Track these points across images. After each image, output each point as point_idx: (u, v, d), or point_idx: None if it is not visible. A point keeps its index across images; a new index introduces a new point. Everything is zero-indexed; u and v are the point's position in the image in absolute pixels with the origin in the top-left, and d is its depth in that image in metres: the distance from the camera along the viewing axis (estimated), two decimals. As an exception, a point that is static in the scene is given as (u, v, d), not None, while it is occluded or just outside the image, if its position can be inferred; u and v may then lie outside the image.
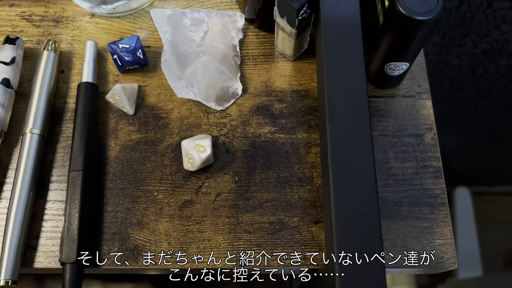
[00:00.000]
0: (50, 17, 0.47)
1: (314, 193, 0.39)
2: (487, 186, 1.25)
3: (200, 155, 0.38)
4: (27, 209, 0.38)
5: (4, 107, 0.41)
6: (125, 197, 0.39)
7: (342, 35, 0.36)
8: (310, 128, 0.42)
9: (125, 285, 0.99)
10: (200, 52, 0.41)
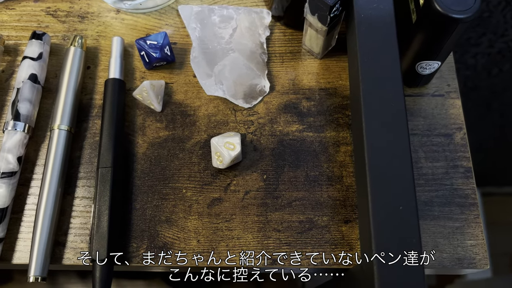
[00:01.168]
0: (75, 13, 0.47)
1: (344, 192, 0.39)
2: (496, 187, 1.24)
3: (230, 152, 0.38)
4: (56, 206, 0.37)
5: (31, 102, 0.40)
6: (154, 194, 0.39)
7: (377, 33, 0.35)
8: (338, 126, 0.41)
9: (137, 282, 0.99)
10: (229, 49, 0.41)
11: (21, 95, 0.40)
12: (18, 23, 0.46)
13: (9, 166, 0.38)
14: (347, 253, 0.37)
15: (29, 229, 0.38)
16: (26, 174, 0.40)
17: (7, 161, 0.38)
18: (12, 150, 0.38)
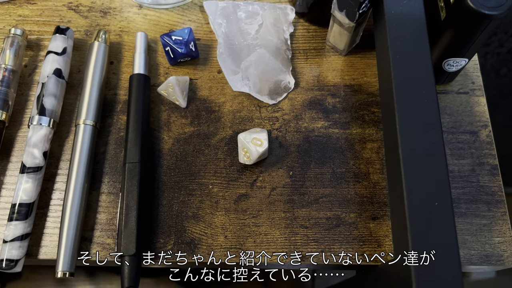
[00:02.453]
0: (97, 8, 0.46)
1: (371, 189, 0.39)
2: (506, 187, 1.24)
3: (257, 148, 0.38)
4: (82, 201, 0.37)
5: (56, 97, 0.40)
6: (180, 190, 0.39)
7: (407, 29, 0.35)
8: (364, 123, 0.41)
9: (145, 280, 0.99)
10: (256, 45, 0.41)
11: (46, 89, 0.40)
12: (40, 17, 0.46)
13: (35, 161, 0.38)
14: (375, 250, 0.37)
15: (55, 224, 0.38)
16: (51, 169, 0.40)
17: (33, 156, 0.38)
18: (37, 145, 0.38)
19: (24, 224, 0.36)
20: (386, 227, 0.38)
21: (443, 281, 0.28)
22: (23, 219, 0.36)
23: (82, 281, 1.02)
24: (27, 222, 0.36)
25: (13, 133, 0.41)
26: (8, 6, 0.46)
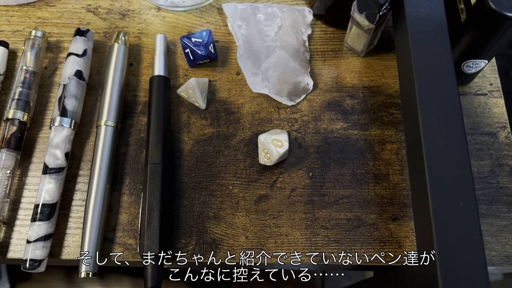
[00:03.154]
0: (116, 10, 0.47)
1: (391, 190, 0.39)
2: None
3: (278, 149, 0.38)
4: (104, 202, 0.37)
5: (77, 99, 0.41)
6: (201, 191, 0.39)
7: (429, 31, 0.35)
8: (383, 124, 0.41)
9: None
10: (276, 47, 0.41)
11: (67, 91, 0.40)
12: (59, 20, 0.46)
13: (57, 162, 0.38)
14: (396, 250, 0.37)
15: (77, 224, 0.38)
16: (72, 170, 0.40)
17: (55, 157, 0.38)
18: (59, 146, 0.39)
19: (47, 224, 0.36)
20: (406, 228, 0.38)
21: (470, 282, 0.28)
22: (46, 219, 0.36)
23: (91, 281, 1.02)
24: (50, 223, 0.37)
25: (34, 134, 0.41)
26: (28, 8, 0.47)
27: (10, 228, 0.38)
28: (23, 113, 0.40)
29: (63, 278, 1.02)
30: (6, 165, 0.38)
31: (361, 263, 0.37)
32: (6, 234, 0.38)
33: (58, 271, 1.01)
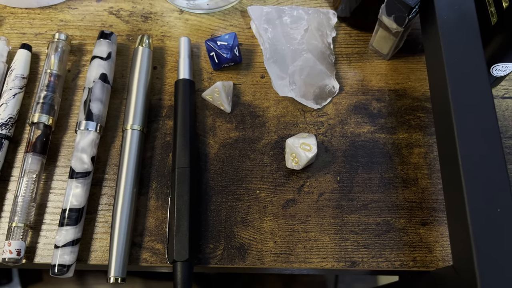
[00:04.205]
0: (138, 13, 0.46)
1: (419, 194, 0.39)
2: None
3: (306, 153, 0.37)
4: (132, 206, 0.37)
5: (102, 102, 0.40)
6: (228, 195, 0.39)
7: (461, 34, 0.35)
8: (410, 128, 0.41)
9: (165, 284, 0.99)
10: (302, 50, 0.41)
11: (93, 94, 0.40)
12: (81, 22, 0.46)
13: (84, 166, 0.38)
14: (426, 255, 0.37)
15: (104, 229, 0.38)
16: (98, 174, 0.40)
17: (82, 161, 0.38)
18: (86, 150, 0.38)
19: (75, 229, 0.36)
20: (436, 232, 0.37)
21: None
22: (74, 224, 0.36)
23: (103, 284, 1.02)
24: (77, 227, 0.36)
25: (59, 138, 0.41)
26: (50, 11, 0.47)
27: (36, 233, 0.38)
28: (48, 117, 0.40)
29: (74, 280, 1.01)
30: (32, 169, 0.38)
31: (392, 268, 0.36)
32: (33, 239, 0.37)
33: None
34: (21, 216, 0.36)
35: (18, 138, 0.41)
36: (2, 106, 0.40)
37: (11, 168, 0.40)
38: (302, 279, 1.00)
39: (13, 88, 0.41)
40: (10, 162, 0.40)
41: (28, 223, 0.37)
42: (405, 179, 0.39)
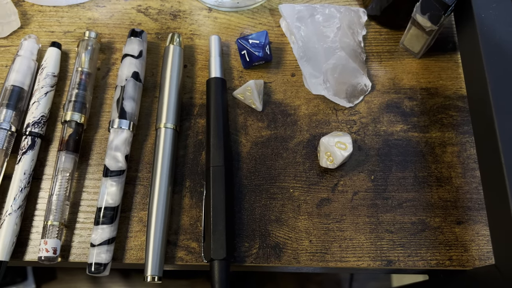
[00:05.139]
0: (166, 11, 0.46)
1: (454, 193, 0.38)
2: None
3: (342, 152, 0.37)
4: (167, 205, 0.37)
5: (135, 100, 0.40)
6: (261, 194, 0.39)
7: (499, 33, 0.35)
8: (443, 126, 0.41)
9: (180, 282, 0.99)
10: (335, 48, 0.40)
11: (126, 93, 0.40)
12: (110, 20, 0.46)
13: (118, 165, 0.38)
14: (462, 254, 0.36)
15: (138, 228, 0.38)
16: (131, 172, 0.39)
17: (116, 160, 0.38)
18: (120, 148, 0.38)
19: (110, 228, 0.36)
20: (472, 231, 0.37)
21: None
22: (109, 222, 0.36)
23: (116, 282, 1.02)
24: (113, 226, 0.36)
25: (91, 136, 0.41)
26: (78, 9, 0.46)
27: (70, 232, 0.38)
28: (80, 115, 0.40)
29: (87, 278, 1.01)
30: (65, 167, 0.38)
31: (428, 267, 0.36)
32: (67, 238, 0.37)
33: (82, 271, 1.00)
34: (56, 214, 0.36)
35: (50, 136, 0.41)
36: (34, 105, 0.40)
37: (43, 167, 0.40)
38: (316, 277, 1.00)
39: (44, 86, 0.41)
40: (42, 160, 0.40)
41: (62, 222, 0.37)
42: (439, 178, 0.39)
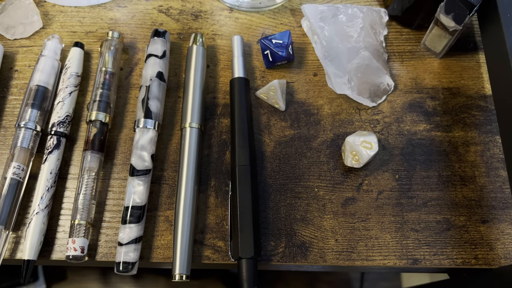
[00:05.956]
0: (188, 11, 0.47)
1: (478, 192, 0.39)
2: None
3: (368, 152, 0.37)
4: (194, 204, 0.37)
5: (159, 100, 0.40)
6: (286, 193, 0.39)
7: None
8: (466, 126, 0.41)
9: (191, 282, 0.99)
10: (359, 48, 0.41)
11: (151, 92, 0.40)
12: (131, 21, 0.46)
13: (144, 164, 0.38)
14: (488, 253, 0.37)
15: (164, 227, 0.38)
16: (156, 172, 0.40)
17: (143, 159, 0.38)
18: (146, 148, 0.38)
19: (137, 227, 0.36)
20: (497, 230, 0.37)
21: None
22: (136, 221, 0.36)
23: (127, 282, 1.02)
24: (140, 225, 0.36)
25: (115, 135, 0.41)
26: (99, 9, 0.47)
27: (97, 231, 0.38)
28: (105, 115, 0.40)
29: (98, 279, 1.01)
30: (91, 167, 0.38)
31: (454, 266, 0.36)
32: (94, 237, 0.38)
33: (93, 271, 1.01)
34: (83, 213, 0.37)
35: (74, 136, 0.41)
36: (59, 104, 0.40)
37: (68, 166, 0.40)
38: (326, 277, 1.00)
39: (68, 86, 0.41)
40: (67, 160, 0.40)
41: (89, 221, 0.37)
42: (463, 177, 0.39)
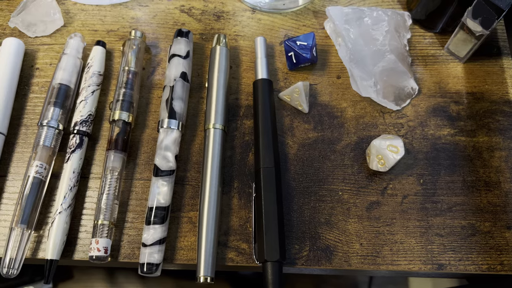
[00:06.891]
0: (210, 12, 0.46)
1: (503, 198, 0.38)
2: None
3: (394, 155, 0.37)
4: (218, 205, 0.37)
5: (183, 100, 0.40)
6: (310, 196, 0.39)
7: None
8: (490, 131, 0.41)
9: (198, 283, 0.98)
10: (385, 51, 0.41)
11: (175, 93, 0.40)
12: (153, 20, 0.46)
13: (168, 165, 0.38)
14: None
15: (187, 228, 0.38)
16: (179, 172, 0.39)
17: (167, 160, 0.38)
18: (170, 148, 0.38)
19: (162, 228, 0.36)
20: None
21: None
22: (161, 222, 0.36)
23: (133, 282, 1.02)
24: (164, 226, 0.36)
25: (137, 135, 0.41)
26: (120, 8, 0.46)
27: (119, 231, 0.38)
28: (128, 114, 0.40)
29: (104, 278, 1.01)
30: (114, 166, 0.38)
31: (479, 272, 0.36)
32: (116, 237, 0.37)
33: (99, 271, 1.01)
34: (106, 213, 0.36)
35: (96, 135, 0.41)
36: (82, 103, 0.40)
37: (90, 165, 0.40)
38: (333, 280, 1.00)
39: (91, 85, 0.41)
40: (89, 159, 0.40)
41: (112, 221, 0.37)
42: (488, 182, 0.39)
